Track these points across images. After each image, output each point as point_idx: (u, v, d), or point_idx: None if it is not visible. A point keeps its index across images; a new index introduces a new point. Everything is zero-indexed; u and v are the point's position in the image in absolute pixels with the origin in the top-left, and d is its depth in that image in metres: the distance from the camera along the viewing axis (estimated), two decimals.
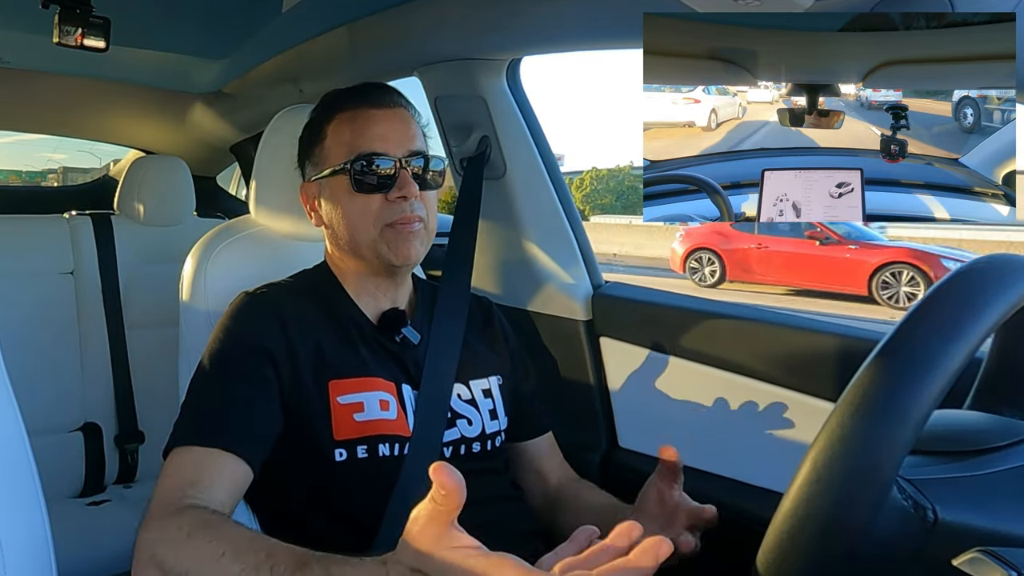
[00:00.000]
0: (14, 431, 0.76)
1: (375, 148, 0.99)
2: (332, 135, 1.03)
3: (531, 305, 1.43)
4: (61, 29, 1.27)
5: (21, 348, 1.65)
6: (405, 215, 0.99)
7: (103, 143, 2.59)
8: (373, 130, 1.00)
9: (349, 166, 0.99)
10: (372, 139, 1.00)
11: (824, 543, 0.51)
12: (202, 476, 0.83)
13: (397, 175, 0.99)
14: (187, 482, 0.82)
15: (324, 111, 1.05)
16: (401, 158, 0.99)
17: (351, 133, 1.01)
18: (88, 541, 1.61)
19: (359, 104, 1.02)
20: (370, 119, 1.01)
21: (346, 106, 1.03)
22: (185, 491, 0.81)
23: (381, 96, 1.03)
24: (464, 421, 1.02)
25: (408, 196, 0.98)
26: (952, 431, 0.65)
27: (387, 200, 0.99)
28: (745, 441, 1.15)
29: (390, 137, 1.00)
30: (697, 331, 1.22)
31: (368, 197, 0.99)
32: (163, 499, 0.81)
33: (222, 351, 0.94)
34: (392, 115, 1.02)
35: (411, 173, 0.99)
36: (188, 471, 0.84)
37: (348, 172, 0.99)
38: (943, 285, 0.57)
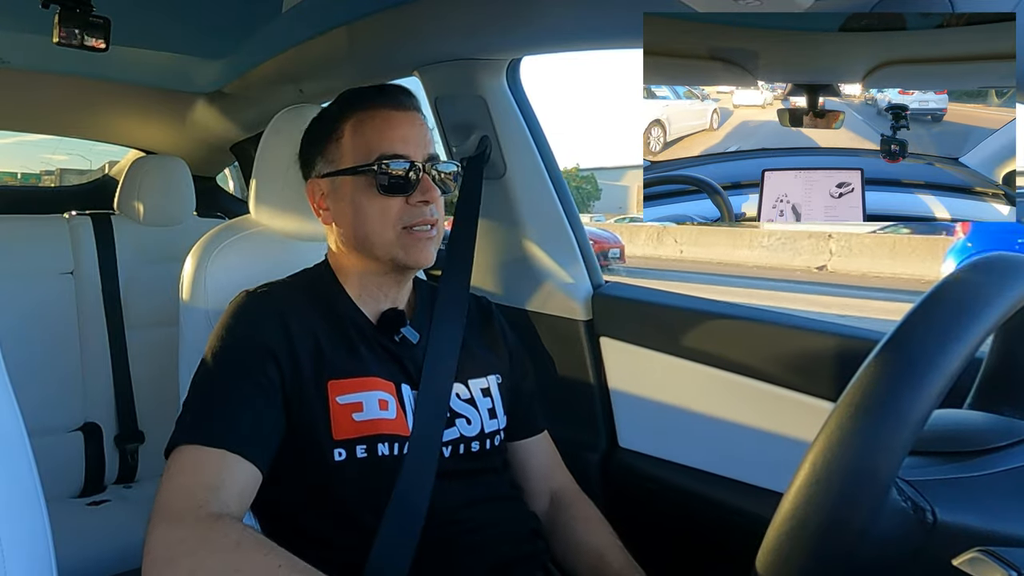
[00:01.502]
0: (14, 431, 0.76)
1: (397, 151, 0.99)
2: (351, 133, 1.02)
3: (531, 305, 1.43)
4: (61, 29, 1.27)
5: (21, 348, 1.65)
6: (424, 218, 1.00)
7: (102, 143, 2.59)
8: (395, 132, 1.00)
9: (375, 167, 0.99)
10: (394, 141, 1.00)
11: (824, 544, 0.51)
12: (217, 480, 0.82)
13: (419, 179, 0.99)
14: (203, 484, 0.82)
15: (342, 108, 1.05)
16: (422, 162, 1.00)
17: (373, 133, 1.01)
18: (88, 541, 1.61)
19: (380, 104, 1.02)
20: (391, 120, 1.01)
21: (366, 104, 1.03)
22: (206, 494, 0.80)
23: (401, 98, 1.03)
24: (463, 420, 1.02)
25: (430, 200, 0.99)
26: (952, 431, 0.65)
27: (407, 203, 0.99)
28: (745, 441, 1.15)
29: (411, 140, 1.01)
30: (697, 331, 1.22)
31: (389, 199, 0.99)
32: (180, 499, 0.80)
33: (224, 349, 0.94)
34: (412, 118, 1.03)
35: (431, 177, 1.00)
36: (201, 472, 0.83)
37: (372, 173, 0.99)
38: (943, 285, 0.57)
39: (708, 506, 1.18)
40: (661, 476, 1.25)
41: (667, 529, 1.23)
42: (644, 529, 1.15)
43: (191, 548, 0.75)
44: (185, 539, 0.76)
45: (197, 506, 0.79)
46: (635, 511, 1.25)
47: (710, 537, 1.18)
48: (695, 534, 1.20)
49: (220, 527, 0.77)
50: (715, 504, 1.18)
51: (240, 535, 0.76)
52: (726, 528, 1.15)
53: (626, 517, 1.15)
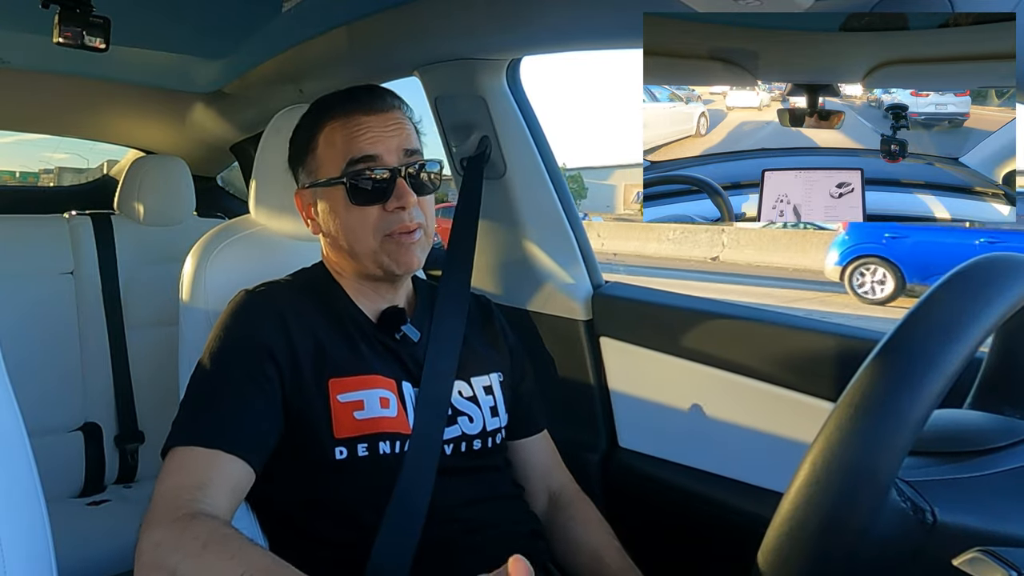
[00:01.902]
0: (14, 431, 0.76)
1: (367, 153, 0.97)
2: (323, 144, 1.01)
3: (531, 305, 1.43)
4: (61, 29, 1.27)
5: (21, 348, 1.65)
6: (404, 224, 0.98)
7: (101, 143, 2.59)
8: (365, 135, 0.98)
9: (344, 178, 0.97)
10: (363, 145, 0.98)
11: (823, 544, 0.51)
12: (205, 478, 0.83)
13: (393, 184, 0.97)
14: (190, 484, 0.82)
15: (313, 118, 1.03)
16: (397, 167, 0.98)
17: (343, 142, 0.99)
18: (88, 541, 1.61)
19: (349, 110, 1.00)
20: (360, 125, 0.99)
21: (336, 112, 1.01)
22: (192, 494, 0.81)
23: (372, 100, 1.01)
24: (465, 418, 1.02)
25: (406, 206, 0.97)
26: (952, 431, 0.65)
27: (385, 210, 0.98)
28: (745, 441, 1.15)
29: (383, 143, 0.98)
30: (697, 331, 1.22)
31: (365, 208, 0.98)
32: (166, 501, 0.80)
33: (222, 349, 0.94)
34: (384, 119, 1.00)
35: (408, 180, 0.98)
36: (191, 473, 0.83)
37: (343, 184, 0.97)
38: (943, 285, 0.57)
39: (708, 506, 1.18)
40: (661, 476, 1.25)
41: (667, 529, 1.23)
42: (644, 529, 1.15)
43: (165, 552, 0.75)
44: (161, 542, 0.76)
45: (177, 507, 0.79)
46: (635, 511, 1.25)
47: (710, 537, 1.18)
48: (695, 534, 1.20)
49: (191, 528, 0.76)
50: (715, 504, 1.18)
51: (208, 535, 0.75)
52: (726, 528, 1.15)
53: (626, 517, 1.15)
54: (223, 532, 0.76)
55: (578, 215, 1.46)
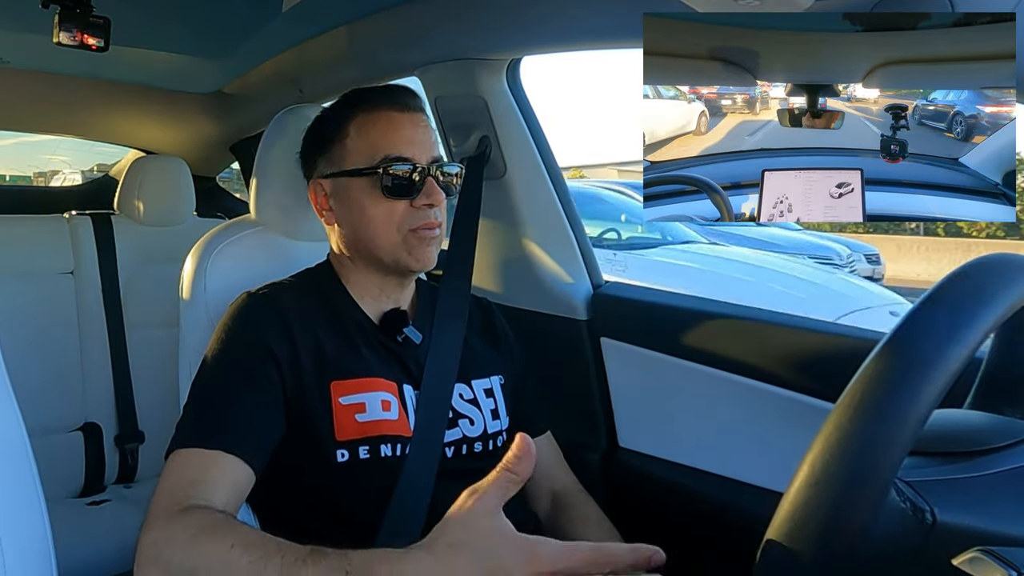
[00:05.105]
0: (14, 431, 0.76)
1: (403, 153, 0.99)
2: (356, 134, 1.02)
3: (531, 305, 1.43)
4: (61, 29, 1.27)
5: (21, 348, 1.65)
6: (429, 221, 1.00)
7: (101, 144, 2.59)
8: (400, 134, 1.00)
9: (380, 169, 0.98)
10: (399, 143, 0.99)
11: (823, 544, 0.51)
12: (203, 477, 0.83)
13: (424, 181, 0.99)
14: (188, 483, 0.82)
15: (346, 108, 1.04)
16: (427, 164, 1.00)
17: (377, 134, 1.00)
18: (88, 541, 1.62)
19: (384, 105, 1.02)
20: (396, 122, 1.01)
21: (371, 106, 1.02)
22: (187, 491, 0.81)
23: (407, 99, 1.03)
24: (466, 421, 1.02)
25: (435, 203, 1.00)
26: (952, 431, 0.65)
27: (412, 206, 0.99)
28: (745, 441, 1.15)
29: (416, 142, 1.00)
30: (697, 331, 1.22)
31: (394, 202, 0.99)
32: (165, 500, 0.81)
33: (224, 351, 0.94)
34: (416, 120, 1.03)
35: (436, 180, 1.00)
36: (190, 472, 0.84)
37: (376, 175, 0.99)
38: (943, 284, 0.57)
39: (708, 506, 1.18)
40: (661, 476, 1.25)
41: (667, 529, 1.22)
42: (644, 529, 1.15)
43: (160, 548, 0.75)
44: (156, 539, 0.76)
45: (173, 504, 0.79)
46: (635, 511, 1.25)
47: (710, 537, 1.18)
48: (695, 534, 1.20)
49: (183, 520, 0.76)
50: (715, 504, 1.18)
51: (199, 524, 0.75)
52: (726, 528, 1.15)
53: (626, 517, 1.15)
54: (213, 518, 0.76)
55: (578, 215, 1.46)
